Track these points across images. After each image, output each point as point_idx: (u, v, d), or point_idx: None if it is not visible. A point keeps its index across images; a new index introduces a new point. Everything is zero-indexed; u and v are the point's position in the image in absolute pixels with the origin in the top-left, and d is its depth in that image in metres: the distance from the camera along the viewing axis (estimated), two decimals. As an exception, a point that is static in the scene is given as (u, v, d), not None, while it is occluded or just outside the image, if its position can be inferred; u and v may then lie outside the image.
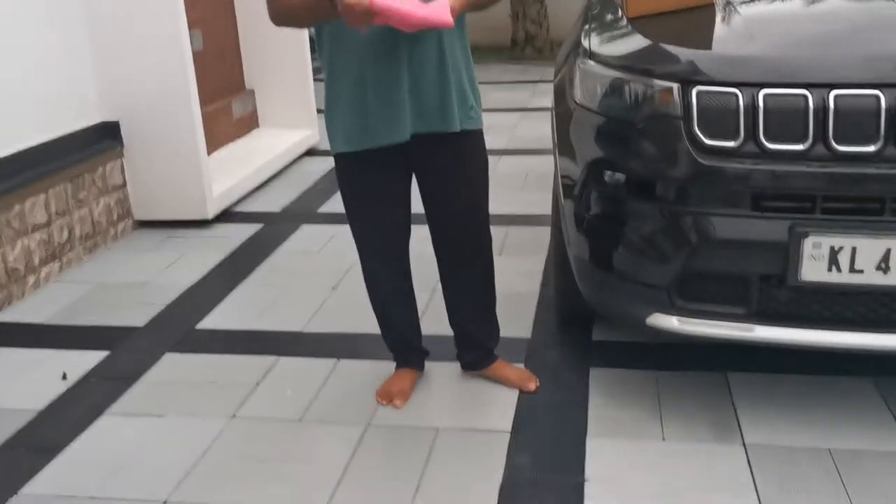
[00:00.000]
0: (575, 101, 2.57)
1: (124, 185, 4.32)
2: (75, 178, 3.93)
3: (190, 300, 3.52)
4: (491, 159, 2.60)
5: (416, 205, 2.53)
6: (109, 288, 3.68)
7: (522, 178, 5.03)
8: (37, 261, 3.67)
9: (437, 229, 2.56)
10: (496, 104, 7.15)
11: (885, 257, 2.08)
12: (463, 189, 2.47)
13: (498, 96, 7.57)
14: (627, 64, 2.39)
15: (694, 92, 2.20)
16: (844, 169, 2.09)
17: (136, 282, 3.73)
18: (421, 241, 2.66)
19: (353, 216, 2.52)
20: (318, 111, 6.05)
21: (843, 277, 2.12)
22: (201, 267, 3.87)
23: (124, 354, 3.08)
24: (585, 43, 2.60)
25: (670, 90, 2.24)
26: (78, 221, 3.95)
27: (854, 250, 2.10)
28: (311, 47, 5.94)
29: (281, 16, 2.25)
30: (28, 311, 3.48)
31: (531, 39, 9.86)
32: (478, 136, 2.45)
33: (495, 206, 2.72)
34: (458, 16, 2.19)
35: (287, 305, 3.41)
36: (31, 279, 3.64)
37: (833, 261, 2.11)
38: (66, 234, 3.86)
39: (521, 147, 5.73)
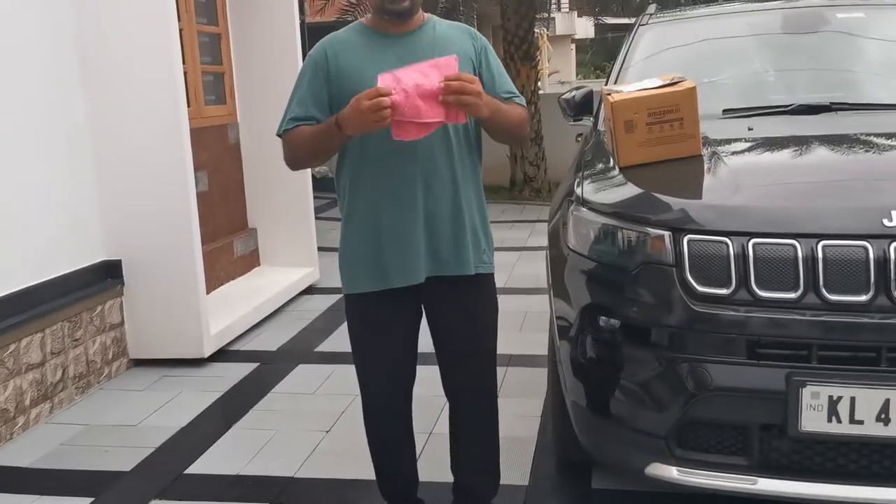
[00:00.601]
0: (569, 247, 2.60)
1: (122, 323, 4.32)
2: (73, 317, 3.94)
3: (180, 443, 3.45)
4: None
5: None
6: (99, 430, 3.62)
7: (521, 317, 5.03)
8: (28, 401, 3.62)
9: (446, 371, 2.54)
10: (494, 243, 7.24)
11: (885, 408, 2.05)
12: (473, 333, 2.49)
13: (497, 235, 7.58)
14: (620, 211, 2.44)
15: (685, 240, 2.23)
16: (837, 318, 2.09)
17: (126, 423, 3.66)
18: (420, 383, 2.62)
19: (360, 355, 2.50)
20: (320, 249, 6.14)
21: (844, 428, 2.08)
22: (194, 408, 3.81)
23: (109, 502, 2.98)
24: (579, 190, 2.66)
25: (662, 238, 2.27)
26: (72, 361, 3.93)
27: (853, 400, 2.07)
28: (313, 186, 6.09)
29: (296, 158, 2.39)
30: (15, 453, 3.40)
31: (530, 180, 10.11)
32: (490, 279, 2.50)
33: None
34: (487, 114, 2.22)
35: (280, 449, 3.34)
36: (21, 420, 3.58)
37: (832, 411, 2.08)
38: (59, 373, 3.83)
39: (520, 286, 5.77)
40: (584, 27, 29.10)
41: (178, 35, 4.20)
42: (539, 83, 11.47)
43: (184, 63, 5.04)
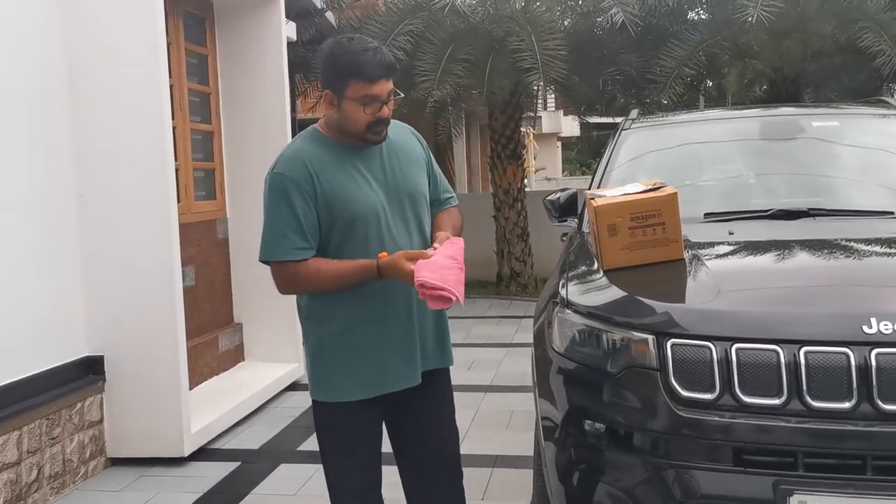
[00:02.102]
0: (553, 349, 2.61)
1: (101, 420, 4.24)
2: (52, 415, 3.87)
3: (155, 548, 3.34)
4: (475, 396, 2.68)
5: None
6: (72, 532, 3.51)
7: (507, 416, 4.97)
8: (1, 502, 3.51)
9: (415, 469, 2.51)
10: (481, 339, 7.24)
11: (873, 518, 2.02)
12: (446, 424, 2.52)
13: (483, 331, 7.68)
14: (604, 314, 2.46)
15: (669, 344, 2.24)
16: (822, 425, 2.09)
17: (100, 526, 3.56)
18: (391, 487, 2.59)
19: (334, 459, 2.43)
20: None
21: (833, 539, 2.05)
22: (171, 510, 3.71)
23: None
24: (563, 292, 2.69)
25: (646, 341, 2.29)
26: (49, 460, 3.84)
27: (840, 510, 2.04)
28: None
29: (298, 287, 2.32)
30: (-18, 558, 3.29)
31: (516, 276, 10.17)
32: (447, 372, 2.54)
33: (478, 445, 2.68)
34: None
35: (257, 555, 3.24)
36: (-9, 522, 3.47)
37: (820, 521, 2.05)
38: (34, 473, 3.73)
39: (506, 384, 5.71)
40: (570, 126, 29.80)
41: (171, 133, 4.28)
42: (525, 180, 11.68)
43: (176, 160, 5.15)
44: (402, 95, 2.41)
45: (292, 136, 6.15)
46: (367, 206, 2.28)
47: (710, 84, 11.54)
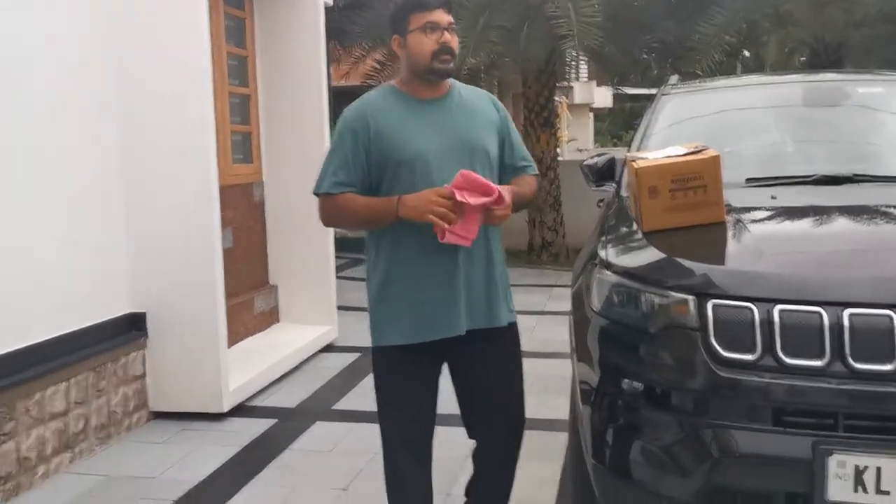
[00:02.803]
0: (593, 310, 2.63)
1: (144, 375, 4.35)
2: (98, 367, 3.98)
3: (196, 499, 3.44)
4: None
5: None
6: (115, 482, 3.62)
7: (539, 381, 5.00)
8: (49, 450, 3.63)
9: (478, 412, 2.63)
10: (515, 307, 7.25)
11: (912, 479, 2.03)
12: (507, 384, 2.64)
13: (516, 299, 7.68)
14: (644, 275, 2.47)
15: (710, 305, 2.25)
16: (864, 387, 2.09)
17: (142, 476, 3.67)
18: (438, 446, 2.66)
19: (386, 407, 2.57)
20: (339, 308, 6.17)
21: (870, 499, 2.06)
22: (211, 463, 3.81)
23: (124, 554, 2.97)
24: (603, 254, 2.70)
25: (686, 302, 2.29)
26: (95, 411, 3.95)
27: (879, 470, 2.05)
28: (334, 245, 6.16)
29: (338, 222, 2.58)
30: (33, 503, 3.40)
31: (548, 245, 10.16)
32: (516, 329, 2.66)
33: None
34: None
35: (296, 508, 3.32)
36: (42, 469, 3.59)
37: (858, 481, 2.06)
38: (81, 423, 3.84)
39: (538, 350, 5.74)
40: (603, 96, 29.52)
41: (211, 96, 4.33)
42: (558, 149, 11.62)
43: (215, 122, 5.21)
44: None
45: (329, 102, 6.22)
46: (415, 150, 2.40)
47: (748, 54, 11.35)
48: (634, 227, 2.80)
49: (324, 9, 6.08)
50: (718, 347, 2.22)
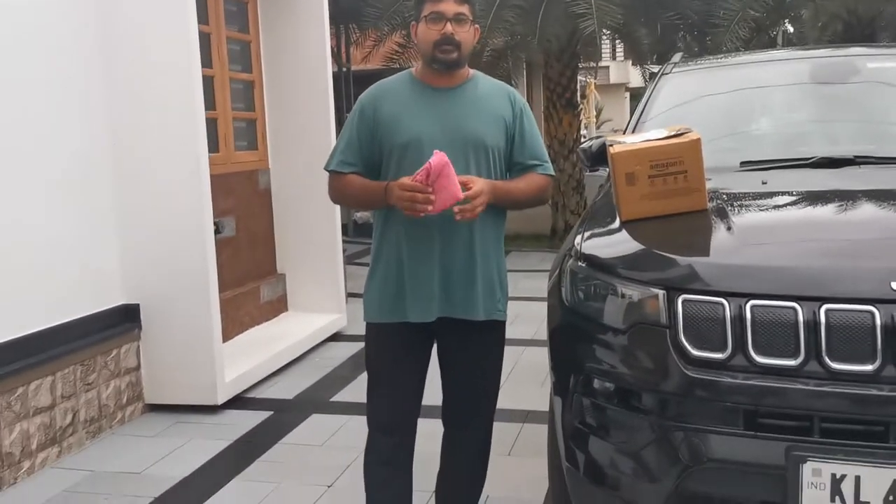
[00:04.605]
0: (565, 302, 2.49)
1: (138, 367, 4.32)
2: (86, 361, 3.94)
3: (178, 495, 3.39)
4: (515, 350, 2.76)
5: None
6: (103, 477, 3.58)
7: (544, 371, 4.86)
8: (34, 445, 3.61)
9: (449, 400, 2.68)
10: (528, 293, 7.07)
11: (893, 490, 1.87)
12: (477, 378, 2.62)
13: (531, 284, 7.51)
14: (615, 268, 2.33)
15: (680, 300, 2.10)
16: (841, 389, 1.93)
17: (131, 471, 3.62)
18: (425, 438, 2.67)
19: (371, 387, 2.62)
20: (353, 295, 6.09)
21: (848, 510, 1.91)
22: (201, 456, 3.76)
23: (97, 553, 2.93)
24: (577, 244, 2.56)
25: (656, 297, 2.15)
26: (84, 405, 3.92)
27: (858, 479, 1.90)
28: (353, 231, 6.07)
29: (341, 201, 2.70)
30: (16, 499, 3.38)
31: (570, 229, 9.96)
32: (500, 326, 2.63)
33: (513, 400, 2.71)
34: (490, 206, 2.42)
35: (277, 504, 3.25)
36: (26, 464, 3.57)
37: (836, 490, 1.91)
38: (69, 417, 3.82)
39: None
40: (639, 76, 29.05)
41: (200, 81, 4.24)
42: (585, 131, 11.39)
43: (214, 109, 5.15)
44: (477, 25, 2.52)
45: (335, 88, 6.12)
46: (410, 136, 2.43)
47: (786, 30, 10.97)
48: (614, 215, 2.65)
49: (329, -8, 5.96)
50: (688, 345, 2.08)
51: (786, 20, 10.48)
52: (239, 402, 4.50)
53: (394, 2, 8.99)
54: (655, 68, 13.34)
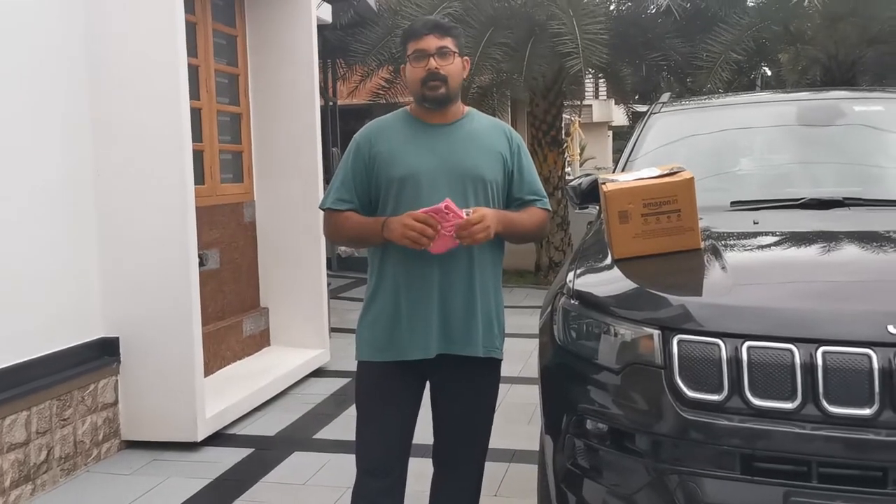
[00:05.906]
0: (557, 340, 2.46)
1: (116, 402, 4.22)
2: (63, 396, 3.85)
3: (154, 535, 3.29)
4: (502, 387, 2.67)
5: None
6: (76, 515, 3.48)
7: (531, 409, 4.83)
8: (8, 482, 3.50)
9: (441, 438, 2.61)
10: (513, 329, 6.98)
11: (893, 536, 1.84)
12: (471, 417, 2.57)
13: (517, 321, 7.43)
14: (608, 306, 2.30)
15: (675, 340, 2.08)
16: (839, 433, 1.91)
17: (104, 510, 3.52)
18: (417, 479, 2.61)
19: (360, 426, 2.54)
20: (337, 330, 6.02)
21: (847, 557, 1.87)
22: (180, 495, 3.66)
23: None
24: (570, 282, 2.53)
25: (651, 337, 2.13)
26: (59, 441, 3.81)
27: (857, 526, 1.86)
28: (338, 265, 6.01)
29: (336, 238, 2.60)
30: (-14, 538, 3.28)
31: (555, 265, 9.97)
32: (497, 364, 2.58)
33: (498, 439, 2.73)
34: (494, 237, 2.40)
35: (257, 546, 3.16)
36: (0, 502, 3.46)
37: (834, 537, 1.88)
38: (44, 454, 3.71)
39: (534, 376, 5.52)
40: (622, 114, 29.37)
41: (188, 114, 4.21)
42: (569, 168, 11.46)
43: (201, 141, 5.11)
44: (461, 56, 2.49)
45: (321, 122, 6.11)
46: (409, 169, 2.41)
47: (763, 73, 11.13)
48: (606, 253, 2.63)
49: (319, 26, 5.98)
50: (683, 387, 2.05)
51: (763, 64, 10.64)
52: (219, 438, 4.40)
53: (381, 38, 9.04)
54: (639, 107, 13.51)
